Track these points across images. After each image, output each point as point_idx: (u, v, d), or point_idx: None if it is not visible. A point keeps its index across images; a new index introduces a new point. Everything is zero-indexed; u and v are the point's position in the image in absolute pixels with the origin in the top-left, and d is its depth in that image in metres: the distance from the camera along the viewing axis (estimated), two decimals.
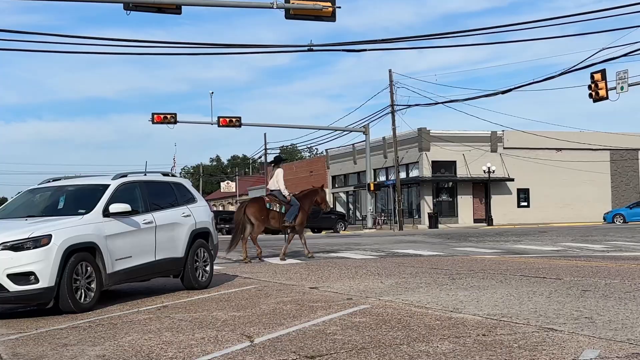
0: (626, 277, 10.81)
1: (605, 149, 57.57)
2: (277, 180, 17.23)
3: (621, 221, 48.73)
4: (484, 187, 54.90)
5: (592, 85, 31.17)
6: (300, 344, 6.11)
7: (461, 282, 10.63)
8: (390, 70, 51.90)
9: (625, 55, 28.66)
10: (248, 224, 16.88)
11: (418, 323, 6.98)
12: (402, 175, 55.38)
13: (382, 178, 59.99)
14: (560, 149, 55.88)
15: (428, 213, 52.48)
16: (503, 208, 54.79)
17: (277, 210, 16.97)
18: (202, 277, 11.20)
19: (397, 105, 51.46)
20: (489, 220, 52.65)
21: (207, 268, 11.39)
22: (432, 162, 54.13)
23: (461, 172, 54.80)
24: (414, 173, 56.10)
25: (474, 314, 7.49)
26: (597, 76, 30.94)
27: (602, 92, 30.94)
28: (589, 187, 56.60)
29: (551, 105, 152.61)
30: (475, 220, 54.84)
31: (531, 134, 55.10)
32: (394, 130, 52.38)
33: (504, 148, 55.69)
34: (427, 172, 54.16)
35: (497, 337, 6.14)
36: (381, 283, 10.87)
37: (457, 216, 55.08)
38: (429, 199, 54.49)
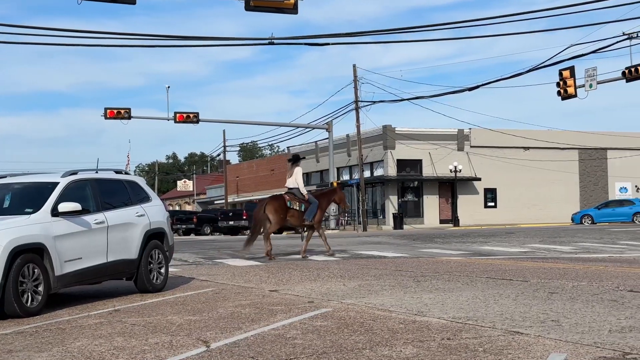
0: (594, 279, 10.98)
1: (574, 148, 58.42)
2: (296, 179, 18.14)
3: (589, 222, 49.50)
4: (451, 187, 55.34)
5: (561, 83, 31.61)
6: (258, 349, 6.10)
7: (426, 285, 10.70)
8: (354, 66, 52.06)
9: (594, 52, 29.13)
10: (267, 222, 17.66)
11: (381, 327, 7.01)
12: (367, 174, 55.58)
13: (346, 177, 60.16)
14: (528, 148, 56.57)
15: (393, 213, 52.74)
16: (470, 208, 55.28)
17: (297, 208, 17.83)
18: (157, 279, 11.11)
19: (362, 101, 51.65)
20: (455, 220, 53.08)
21: (162, 270, 11.31)
22: (397, 160, 54.41)
23: (427, 171, 55.17)
24: (378, 172, 56.34)
25: (439, 317, 7.55)
26: (566, 73, 31.39)
27: (570, 90, 31.40)
28: (558, 187, 57.38)
29: (519, 103, 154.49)
30: (442, 221, 55.25)
31: (499, 132, 55.70)
32: (358, 127, 52.55)
33: (471, 146, 56.20)
34: (392, 171, 54.43)
35: (462, 341, 6.19)
36: (344, 285, 10.89)
37: (422, 217, 55.43)
38: (394, 199, 54.76)
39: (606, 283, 10.33)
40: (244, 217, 48.01)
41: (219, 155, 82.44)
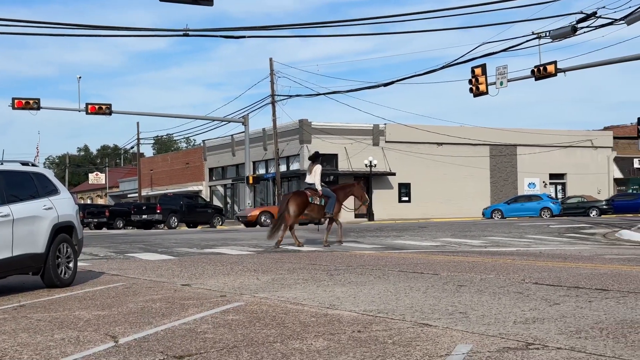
0: (501, 272, 11.29)
1: (485, 144, 59.87)
2: (315, 176, 19.43)
3: (499, 217, 50.83)
4: (366, 181, 55.89)
5: (473, 80, 32.32)
6: (168, 343, 6.04)
7: (339, 278, 10.79)
8: (271, 59, 52.00)
9: (504, 50, 29.86)
10: (288, 214, 19.04)
11: (293, 320, 7.04)
12: (283, 168, 55.65)
13: (262, 171, 60.08)
14: (441, 144, 57.67)
15: None
16: (384, 203, 56.00)
17: (318, 203, 19.27)
18: (65, 274, 10.86)
19: (278, 95, 51.66)
20: (370, 215, 53.65)
21: (71, 264, 11.06)
22: None
23: (343, 165, 55.61)
24: (294, 166, 56.48)
25: (351, 310, 7.62)
26: (478, 71, 32.11)
27: (482, 87, 32.14)
28: (469, 182, 58.71)
29: (434, 99, 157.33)
30: (356, 215, 55.73)
31: (413, 128, 56.59)
32: (274, 121, 52.54)
33: (386, 142, 56.93)
34: (308, 165, 54.60)
35: (372, 333, 6.27)
36: (257, 280, 10.88)
37: None
38: None
39: (513, 276, 10.63)
40: (158, 211, 47.37)
41: (132, 148, 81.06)
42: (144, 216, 48.02)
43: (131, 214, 48.96)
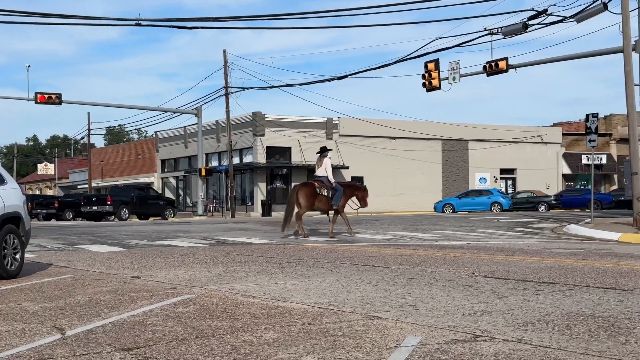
0: (451, 265, 11.41)
1: (438, 139, 60.38)
2: (326, 169, 20.32)
3: (451, 211, 51.35)
4: None
5: (426, 75, 32.56)
6: (116, 335, 5.97)
7: (291, 271, 10.79)
8: (224, 51, 51.70)
9: (457, 45, 30.15)
10: (298, 205, 19.85)
11: (243, 312, 7.02)
12: (236, 160, 55.40)
13: (215, 163, 59.74)
14: (394, 138, 58.00)
15: (261, 200, 52.86)
16: None
17: (325, 194, 20.04)
18: (11, 265, 10.67)
19: (232, 87, 51.43)
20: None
21: (18, 256, 10.86)
22: (267, 147, 54.54)
23: (296, 158, 55.59)
24: (247, 159, 56.30)
25: (302, 302, 7.63)
26: (431, 66, 32.36)
27: (435, 82, 32.40)
28: (422, 177, 59.18)
29: (387, 93, 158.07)
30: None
31: (367, 122, 56.81)
32: (227, 113, 52.27)
33: (340, 135, 57.05)
34: (261, 157, 54.51)
35: (323, 325, 6.28)
36: (208, 272, 10.83)
37: None
38: (262, 186, 54.88)
39: (462, 269, 10.75)
40: (109, 203, 46.82)
41: (83, 138, 79.90)
42: (94, 208, 47.42)
43: (81, 205, 48.30)
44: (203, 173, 52.87)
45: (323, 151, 20.71)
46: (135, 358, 5.18)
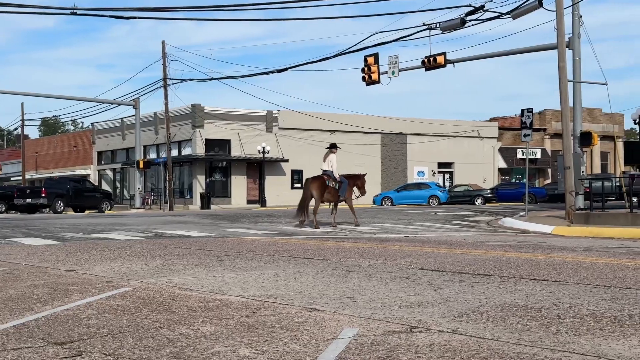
0: (389, 257, 11.51)
1: (377, 133, 60.82)
2: (331, 164, 22.00)
3: (389, 204, 51.80)
4: (259, 168, 55.88)
5: (365, 69, 32.75)
6: (49, 330, 5.86)
7: (229, 264, 10.75)
8: (163, 42, 51.17)
9: (396, 40, 30.39)
10: (312, 197, 21.78)
11: (180, 305, 6.96)
12: (174, 153, 54.90)
13: (153, 155, 59.11)
14: (334, 131, 58.20)
15: (200, 193, 52.52)
16: (277, 189, 56.13)
17: (333, 186, 21.87)
18: None
19: (170, 79, 50.90)
20: (262, 201, 53.69)
21: None
22: (206, 140, 54.17)
23: (235, 151, 55.37)
24: (186, 151, 55.83)
25: (240, 295, 7.61)
26: (370, 60, 32.55)
27: (374, 76, 32.61)
28: (361, 170, 59.22)
29: (327, 87, 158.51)
30: (249, 201, 55.71)
31: (306, 115, 56.88)
32: (166, 105, 51.74)
33: (279, 128, 57.02)
34: (200, 150, 54.12)
35: (261, 318, 6.28)
36: (145, 265, 10.71)
37: (230, 197, 55.62)
38: (201, 179, 54.50)
39: (400, 261, 10.86)
40: (43, 195, 45.88)
41: (16, 129, 78.10)
42: (28, 200, 46.41)
43: (14, 197, 47.20)
44: (141, 165, 52.24)
45: (332, 147, 22.50)
46: (68, 352, 5.09)
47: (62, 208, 45.82)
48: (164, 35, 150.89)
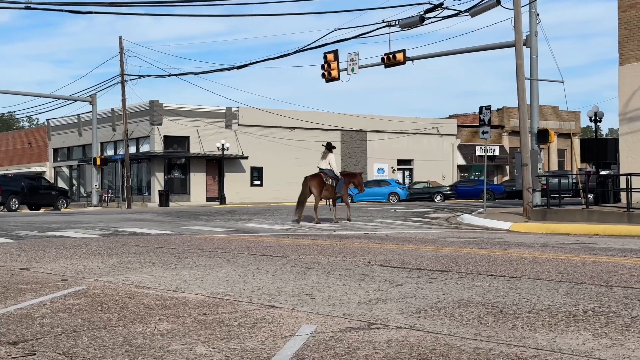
0: (348, 254, 11.55)
1: (337, 130, 60.93)
2: (330, 162, 23.23)
3: (350, 201, 51.94)
4: (218, 165, 55.63)
5: (325, 66, 32.79)
6: (2, 329, 5.77)
7: (187, 262, 10.69)
8: (120, 37, 50.67)
9: (356, 37, 30.47)
10: (311, 194, 22.95)
11: (137, 304, 6.91)
12: (132, 149, 54.40)
13: (110, 152, 58.51)
14: (294, 128, 58.19)
15: (159, 190, 52.12)
16: (236, 186, 55.94)
17: (330, 183, 23.03)
18: None
19: (128, 75, 50.45)
20: (221, 198, 53.49)
21: None
22: (165, 137, 53.78)
23: (194, 148, 55.06)
24: (144, 148, 55.35)
25: (197, 293, 7.57)
26: (330, 56, 32.60)
27: (334, 73, 32.67)
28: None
29: (287, 84, 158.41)
30: (208, 199, 55.45)
31: (266, 112, 56.76)
32: (123, 101, 51.25)
33: (239, 125, 56.82)
34: (158, 147, 53.71)
35: (218, 315, 6.25)
36: (102, 263, 10.60)
37: (189, 194, 55.30)
38: (160, 176, 54.10)
39: (359, 258, 10.90)
40: None
41: None
42: None
43: None
44: (98, 162, 51.69)
45: (329, 146, 23.56)
46: (22, 352, 5.02)
47: (16, 206, 45.08)
48: (122, 31, 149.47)
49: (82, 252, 12.52)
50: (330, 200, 23.86)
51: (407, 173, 66.52)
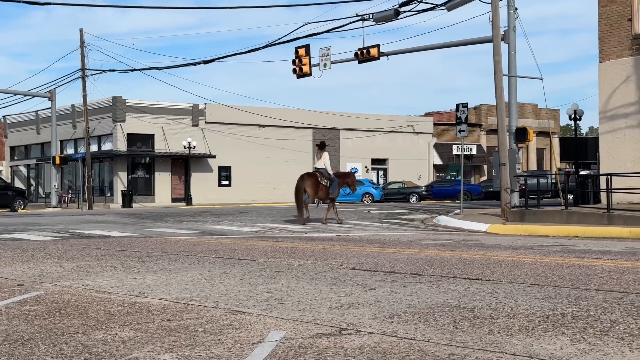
0: (320, 257, 11.55)
1: (309, 128, 60.97)
2: (324, 161, 23.51)
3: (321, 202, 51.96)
4: (184, 164, 55.39)
5: (296, 61, 32.77)
6: None
7: (151, 265, 10.63)
8: (81, 30, 50.24)
9: (328, 31, 30.51)
10: (306, 193, 22.99)
11: (98, 309, 6.85)
12: (94, 148, 54.00)
13: (71, 151, 58.04)
14: (264, 126, 58.13)
15: (122, 191, 51.78)
16: (204, 186, 55.74)
17: (325, 184, 23.28)
18: None
19: (89, 69, 49.98)
20: (188, 199, 53.28)
21: None
22: (128, 134, 53.44)
23: (160, 146, 54.78)
24: (107, 146, 54.99)
25: (161, 298, 7.53)
26: (301, 51, 32.60)
27: (305, 68, 32.67)
28: (292, 166, 59.53)
29: (257, 79, 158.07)
30: (174, 200, 55.20)
31: (235, 109, 56.63)
32: (84, 97, 50.83)
33: (206, 122, 56.63)
34: (121, 145, 53.36)
35: (183, 321, 6.22)
36: (61, 267, 10.51)
37: (154, 194, 55.02)
38: (123, 176, 53.76)
39: (331, 261, 10.91)
40: None
41: None
42: None
43: None
44: (57, 161, 51.22)
45: (322, 145, 24.14)
46: None
47: None
48: (84, 23, 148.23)
49: (39, 255, 12.41)
50: (324, 200, 24.38)
51: (381, 173, 66.72)
